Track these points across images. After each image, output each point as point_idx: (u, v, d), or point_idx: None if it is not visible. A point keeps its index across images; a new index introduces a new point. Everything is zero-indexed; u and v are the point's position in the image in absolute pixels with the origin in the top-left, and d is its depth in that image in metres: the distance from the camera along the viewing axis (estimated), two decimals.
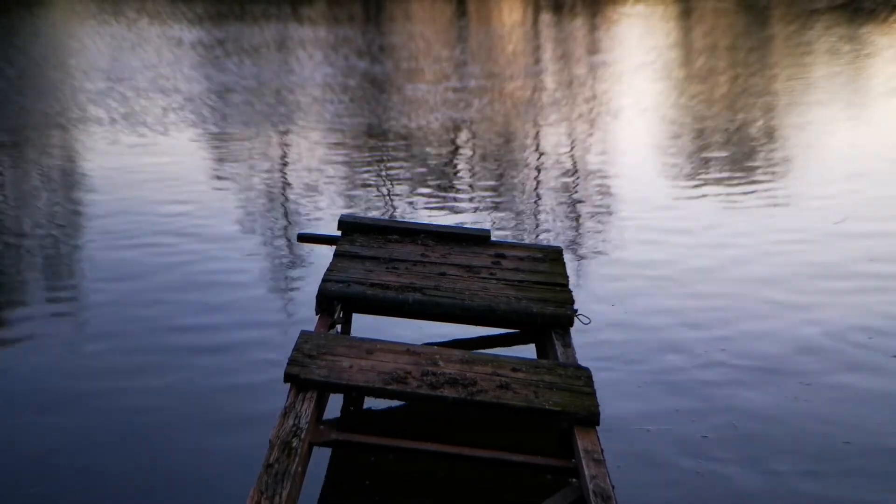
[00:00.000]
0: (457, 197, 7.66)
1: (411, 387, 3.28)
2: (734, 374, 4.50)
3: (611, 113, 11.54)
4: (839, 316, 5.19)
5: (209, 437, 3.84)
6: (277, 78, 13.45)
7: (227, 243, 6.32)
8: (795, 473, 3.66)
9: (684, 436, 3.92)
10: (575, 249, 6.30)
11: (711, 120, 11.09)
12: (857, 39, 19.70)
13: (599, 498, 2.79)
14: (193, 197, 7.44)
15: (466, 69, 15.15)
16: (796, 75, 14.65)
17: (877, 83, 14.21)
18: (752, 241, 6.50)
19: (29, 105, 11.27)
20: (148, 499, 3.42)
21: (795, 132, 10.46)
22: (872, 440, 3.92)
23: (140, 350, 4.64)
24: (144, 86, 12.63)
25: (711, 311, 5.28)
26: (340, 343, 3.59)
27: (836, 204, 7.39)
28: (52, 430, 3.84)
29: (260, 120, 10.63)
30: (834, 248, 6.34)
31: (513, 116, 11.23)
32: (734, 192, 7.86)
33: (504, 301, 4.05)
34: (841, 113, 11.67)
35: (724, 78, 14.50)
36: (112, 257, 5.98)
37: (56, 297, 5.38)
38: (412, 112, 11.26)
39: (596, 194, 7.78)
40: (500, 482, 3.51)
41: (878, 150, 9.40)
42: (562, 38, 21.29)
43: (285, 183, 8.01)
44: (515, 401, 3.24)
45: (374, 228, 4.84)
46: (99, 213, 6.94)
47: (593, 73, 15.09)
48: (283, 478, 2.75)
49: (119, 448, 3.74)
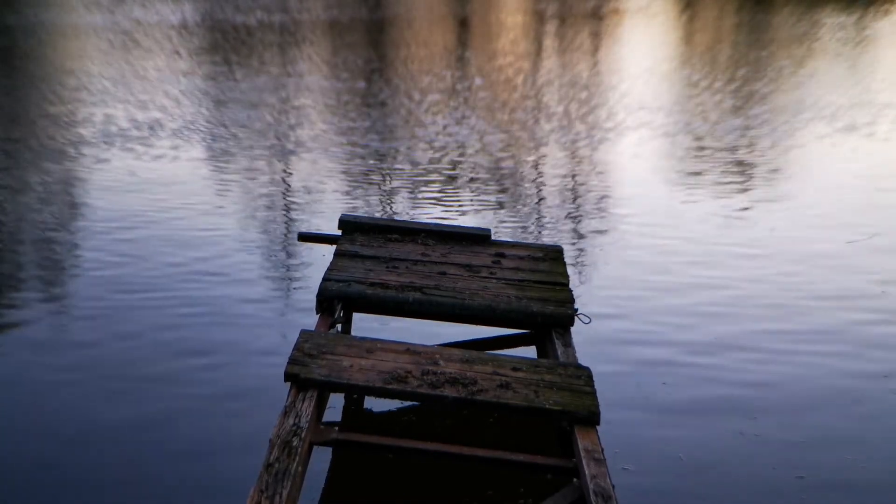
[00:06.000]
0: (457, 196, 7.66)
1: (411, 386, 3.28)
2: (735, 374, 4.50)
3: (612, 114, 11.53)
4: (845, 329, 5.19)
5: (209, 436, 3.84)
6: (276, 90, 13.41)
7: (227, 242, 6.32)
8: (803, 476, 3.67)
9: (684, 435, 3.92)
10: (575, 249, 6.30)
11: (713, 120, 11.08)
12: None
13: (600, 498, 2.78)
14: (193, 196, 7.44)
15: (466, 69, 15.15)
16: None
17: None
18: (753, 241, 6.50)
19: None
20: (147, 498, 3.42)
21: (797, 133, 10.45)
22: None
23: (138, 349, 4.64)
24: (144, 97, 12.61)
25: (712, 310, 5.28)
26: (341, 342, 3.59)
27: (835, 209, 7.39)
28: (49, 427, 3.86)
29: (260, 120, 10.64)
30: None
31: (513, 115, 11.23)
32: (736, 191, 7.86)
33: (504, 300, 4.04)
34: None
35: (727, 78, 14.49)
36: (112, 258, 5.98)
37: (49, 296, 5.37)
38: (412, 111, 11.26)
39: (596, 194, 7.77)
40: (500, 482, 3.51)
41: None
42: (562, 40, 21.27)
43: (285, 182, 8.01)
44: (516, 400, 3.23)
45: (375, 228, 4.84)
46: (99, 213, 6.94)
47: (594, 75, 15.08)
48: (284, 477, 2.75)
49: (119, 447, 3.74)
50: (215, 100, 11.92)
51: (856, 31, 21.78)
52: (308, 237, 4.95)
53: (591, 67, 15.85)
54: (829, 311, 5.30)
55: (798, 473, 3.66)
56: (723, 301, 5.42)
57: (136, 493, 3.43)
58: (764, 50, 18.29)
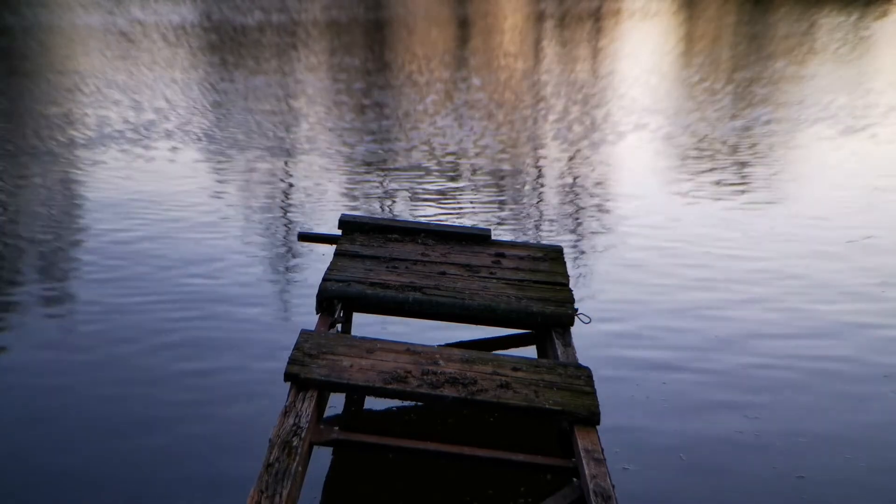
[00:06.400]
0: (457, 196, 7.66)
1: (411, 386, 3.28)
2: (735, 374, 4.50)
3: (611, 114, 11.53)
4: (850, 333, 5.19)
5: (209, 436, 3.84)
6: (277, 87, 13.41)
7: (227, 242, 6.32)
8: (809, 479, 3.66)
9: (684, 435, 3.92)
10: (575, 249, 6.30)
11: (713, 121, 11.08)
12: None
13: (600, 498, 2.78)
14: (193, 197, 7.44)
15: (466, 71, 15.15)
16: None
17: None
18: (754, 242, 6.50)
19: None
20: (147, 498, 3.42)
21: (797, 134, 10.45)
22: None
23: (137, 348, 4.63)
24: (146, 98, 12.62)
25: (712, 310, 5.28)
26: (341, 342, 3.59)
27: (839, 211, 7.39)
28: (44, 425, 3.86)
29: (261, 121, 10.64)
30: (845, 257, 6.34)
31: (512, 116, 11.23)
32: (736, 193, 7.86)
33: (504, 300, 4.04)
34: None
35: (728, 77, 14.49)
36: (111, 257, 5.98)
37: (47, 298, 5.37)
38: (412, 112, 11.26)
39: (597, 194, 7.77)
40: (500, 482, 3.51)
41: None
42: (562, 40, 21.28)
43: (285, 182, 8.01)
44: (516, 400, 3.23)
45: (375, 228, 4.84)
46: (98, 211, 6.94)
47: (594, 76, 15.08)
48: (284, 477, 2.75)
49: (118, 446, 3.74)
50: (215, 100, 11.91)
51: (855, 31, 21.78)
52: (308, 237, 4.95)
53: (591, 68, 15.85)
54: (829, 311, 5.30)
55: (798, 473, 3.66)
56: (723, 301, 5.42)
57: (137, 493, 3.43)
58: (763, 50, 18.29)
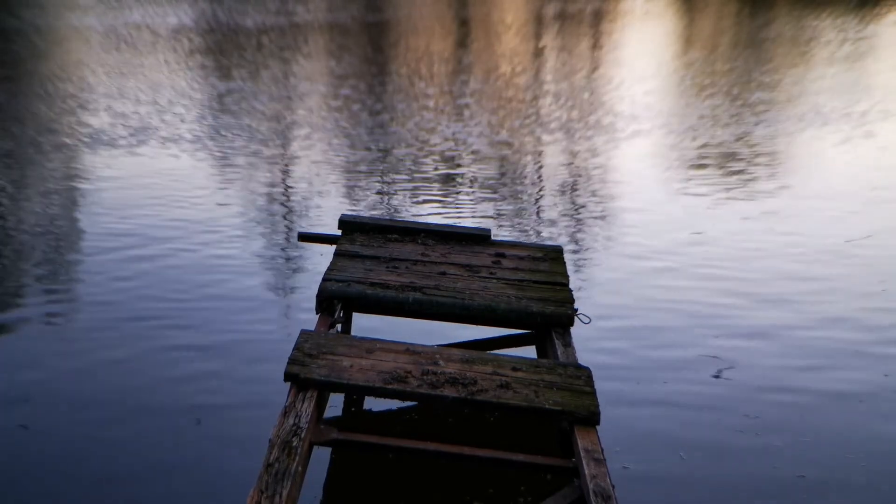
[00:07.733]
0: (457, 196, 7.66)
1: (411, 386, 3.27)
2: (735, 373, 4.50)
3: (612, 115, 11.53)
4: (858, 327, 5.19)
5: (208, 435, 3.84)
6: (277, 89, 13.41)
7: (227, 242, 6.32)
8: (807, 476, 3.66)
9: (685, 435, 3.92)
10: (575, 249, 6.30)
11: (713, 122, 11.08)
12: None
13: (599, 498, 2.78)
14: (193, 197, 7.44)
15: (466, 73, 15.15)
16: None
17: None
18: (753, 241, 6.50)
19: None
20: (147, 498, 3.42)
21: (797, 134, 10.45)
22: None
23: (137, 348, 4.64)
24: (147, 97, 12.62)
25: (712, 309, 5.28)
26: (340, 342, 3.59)
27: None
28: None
29: (261, 121, 10.64)
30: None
31: (512, 116, 11.23)
32: (736, 193, 7.86)
33: (504, 300, 4.04)
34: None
35: (726, 79, 14.49)
36: (109, 258, 5.98)
37: (50, 295, 5.37)
38: (412, 112, 11.26)
39: (597, 194, 7.77)
40: (500, 482, 3.51)
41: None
42: (562, 41, 21.28)
43: (285, 183, 8.01)
44: (515, 400, 3.23)
45: (375, 228, 4.84)
46: (97, 213, 6.94)
47: (594, 76, 15.08)
48: (284, 477, 2.75)
49: (117, 446, 3.74)
50: (214, 101, 11.91)
51: (855, 33, 21.78)
52: (308, 237, 4.94)
53: (592, 69, 15.85)
54: (829, 311, 5.30)
55: (798, 473, 3.66)
56: (723, 301, 5.42)
57: (137, 493, 3.43)
58: (763, 51, 18.29)
